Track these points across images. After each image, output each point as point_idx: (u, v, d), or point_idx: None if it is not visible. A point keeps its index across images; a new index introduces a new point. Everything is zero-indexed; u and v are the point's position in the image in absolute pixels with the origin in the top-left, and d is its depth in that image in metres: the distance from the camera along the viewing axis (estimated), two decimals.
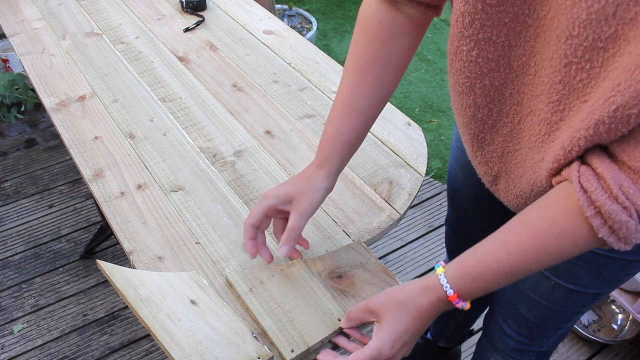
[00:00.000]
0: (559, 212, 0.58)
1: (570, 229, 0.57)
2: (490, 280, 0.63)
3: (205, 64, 1.29)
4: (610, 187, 0.53)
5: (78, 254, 1.84)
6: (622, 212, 0.53)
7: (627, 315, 1.64)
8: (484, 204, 0.93)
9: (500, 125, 0.69)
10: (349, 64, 0.78)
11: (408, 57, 0.78)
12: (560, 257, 0.59)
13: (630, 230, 0.54)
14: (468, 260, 0.65)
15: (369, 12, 0.75)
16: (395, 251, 1.89)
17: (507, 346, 1.01)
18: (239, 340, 0.72)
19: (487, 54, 0.63)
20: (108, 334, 1.63)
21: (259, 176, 1.01)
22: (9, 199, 2.01)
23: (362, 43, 0.76)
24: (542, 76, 0.59)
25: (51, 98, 1.17)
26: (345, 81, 0.78)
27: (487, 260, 0.63)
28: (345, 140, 0.79)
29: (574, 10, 0.50)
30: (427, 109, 2.48)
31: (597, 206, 0.54)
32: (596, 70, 0.52)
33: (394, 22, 0.74)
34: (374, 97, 0.78)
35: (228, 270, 0.84)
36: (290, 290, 0.79)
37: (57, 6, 1.49)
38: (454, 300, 0.64)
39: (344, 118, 0.78)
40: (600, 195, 0.53)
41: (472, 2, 0.59)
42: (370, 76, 0.76)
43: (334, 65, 1.30)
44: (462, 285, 0.64)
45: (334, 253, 0.85)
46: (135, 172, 1.01)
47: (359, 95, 0.77)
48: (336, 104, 0.79)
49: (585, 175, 0.55)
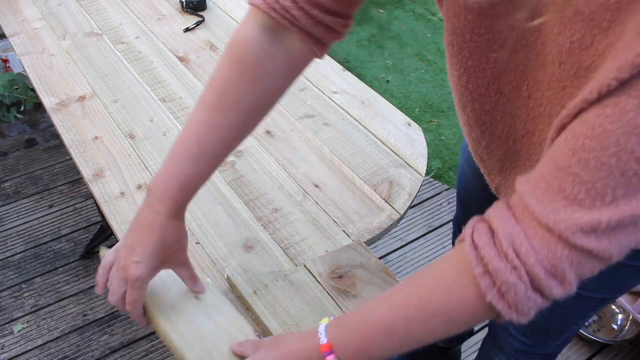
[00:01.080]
0: (449, 269, 0.53)
1: (457, 288, 0.52)
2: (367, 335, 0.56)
3: (205, 64, 1.29)
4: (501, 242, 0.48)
5: (78, 254, 1.84)
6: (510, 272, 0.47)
7: (627, 315, 1.64)
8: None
9: (494, 147, 0.69)
10: (210, 99, 0.67)
11: (274, 101, 0.70)
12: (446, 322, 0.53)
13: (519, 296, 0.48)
14: (353, 312, 0.60)
15: (246, 40, 0.65)
16: (395, 251, 1.89)
17: (512, 347, 1.01)
18: (242, 338, 0.72)
19: (477, 80, 0.62)
20: (108, 334, 1.63)
21: (259, 176, 1.01)
22: (9, 199, 2.01)
23: (230, 78, 0.66)
24: (539, 98, 0.58)
25: (51, 98, 1.17)
26: (204, 119, 0.67)
27: (367, 312, 0.58)
28: (197, 186, 0.69)
29: (560, 38, 0.50)
30: (427, 109, 2.48)
31: (485, 264, 0.49)
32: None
33: (272, 58, 0.65)
34: (232, 143, 0.69)
35: (228, 270, 0.84)
36: (295, 295, 0.79)
37: (57, 6, 1.49)
38: (325, 351, 0.57)
39: (199, 162, 0.67)
40: (489, 251, 0.48)
41: (460, 32, 0.59)
42: (233, 120, 0.67)
43: (334, 65, 1.30)
44: (337, 335, 0.58)
45: (334, 253, 0.85)
46: (135, 172, 1.01)
47: (219, 139, 0.67)
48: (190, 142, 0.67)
49: (479, 230, 0.51)
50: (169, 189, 0.67)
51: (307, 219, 0.93)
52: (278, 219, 0.93)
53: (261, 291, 0.79)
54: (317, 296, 0.79)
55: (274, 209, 0.95)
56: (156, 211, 0.67)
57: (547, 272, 0.47)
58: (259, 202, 0.96)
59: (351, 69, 2.66)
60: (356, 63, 2.73)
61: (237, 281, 0.80)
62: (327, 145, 1.08)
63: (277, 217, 0.94)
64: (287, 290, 0.80)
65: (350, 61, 2.75)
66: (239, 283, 0.80)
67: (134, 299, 0.68)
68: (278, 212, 0.94)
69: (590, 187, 0.43)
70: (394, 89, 2.59)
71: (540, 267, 0.47)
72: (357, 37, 2.90)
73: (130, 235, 0.69)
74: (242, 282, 0.81)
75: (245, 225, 0.92)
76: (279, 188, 0.99)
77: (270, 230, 0.91)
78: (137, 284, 0.67)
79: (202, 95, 0.67)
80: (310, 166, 1.03)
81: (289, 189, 0.99)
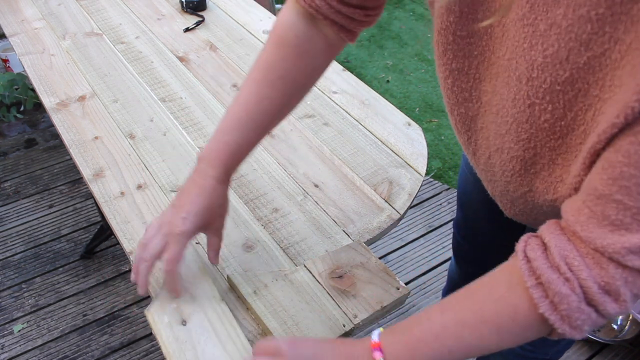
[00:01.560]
0: (502, 279, 0.54)
1: (510, 297, 0.52)
2: (417, 337, 0.56)
3: (205, 64, 1.29)
4: (554, 256, 0.49)
5: (78, 254, 1.84)
6: (563, 284, 0.48)
7: (627, 315, 1.64)
8: (493, 208, 0.93)
9: (479, 155, 0.70)
10: (257, 74, 0.72)
11: (316, 78, 0.75)
12: (498, 331, 0.53)
13: (571, 307, 0.48)
14: (406, 320, 0.60)
15: (286, 24, 0.71)
16: (395, 251, 1.89)
17: (512, 352, 1.01)
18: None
19: (461, 83, 0.63)
20: (108, 334, 1.63)
21: (259, 176, 1.01)
22: (9, 199, 2.01)
23: (275, 55, 0.72)
24: (506, 116, 0.58)
25: (51, 98, 1.17)
26: (252, 92, 0.72)
27: (420, 317, 0.58)
28: (244, 155, 0.74)
29: (532, 53, 0.50)
30: (427, 109, 2.48)
31: (537, 276, 0.50)
32: (559, 111, 0.51)
33: (310, 39, 0.71)
34: (277, 115, 0.74)
35: (228, 270, 0.84)
36: (295, 295, 0.79)
37: (57, 6, 1.49)
38: (374, 348, 0.57)
39: (248, 131, 0.72)
40: (542, 263, 0.50)
41: (444, 33, 0.59)
42: (278, 92, 0.72)
43: (334, 65, 1.30)
44: (388, 336, 0.58)
45: (334, 253, 0.85)
46: (135, 172, 1.01)
47: (265, 110, 0.72)
48: (239, 112, 0.72)
49: (532, 244, 0.52)
50: (220, 156, 0.72)
51: (307, 219, 0.93)
52: (278, 219, 0.93)
53: (261, 291, 0.79)
54: (317, 296, 0.79)
55: (274, 209, 0.95)
56: (207, 176, 0.72)
57: (601, 288, 0.48)
58: (259, 202, 0.96)
59: (351, 69, 2.66)
60: (356, 63, 2.73)
61: (237, 281, 0.80)
62: (327, 145, 1.08)
63: (277, 217, 0.94)
64: (287, 290, 0.80)
65: (350, 61, 2.75)
66: (239, 283, 0.80)
67: (175, 255, 0.70)
68: (278, 212, 0.94)
69: (635, 211, 0.44)
70: (394, 89, 2.59)
71: (592, 282, 0.47)
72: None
73: (179, 198, 0.73)
74: (242, 281, 0.81)
75: (245, 225, 0.92)
76: (279, 188, 0.99)
77: (270, 230, 0.91)
78: (181, 238, 0.69)
79: (250, 72, 0.73)
80: (310, 166, 1.03)
81: (289, 189, 0.99)
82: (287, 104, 0.74)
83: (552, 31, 0.48)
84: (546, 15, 0.48)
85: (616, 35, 0.44)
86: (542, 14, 0.48)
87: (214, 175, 0.72)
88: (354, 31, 0.71)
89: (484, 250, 1.09)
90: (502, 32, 0.54)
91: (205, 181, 0.72)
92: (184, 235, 0.70)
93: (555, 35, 0.48)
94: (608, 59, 0.45)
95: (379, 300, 0.79)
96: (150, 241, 0.71)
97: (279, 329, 0.75)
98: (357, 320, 0.76)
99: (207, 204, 0.72)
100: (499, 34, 0.54)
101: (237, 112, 0.72)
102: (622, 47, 0.44)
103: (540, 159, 0.58)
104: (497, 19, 0.54)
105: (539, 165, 0.59)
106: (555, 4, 0.47)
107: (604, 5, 0.43)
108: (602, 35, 0.45)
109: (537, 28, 0.49)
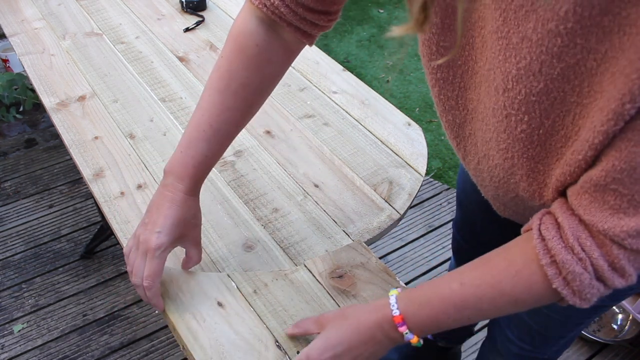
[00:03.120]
0: (518, 255, 0.57)
1: (525, 273, 0.56)
2: (439, 309, 0.60)
3: (205, 64, 1.29)
4: (567, 237, 0.52)
5: (78, 254, 1.84)
6: (577, 264, 0.52)
7: (627, 315, 1.64)
8: (491, 208, 0.93)
9: (468, 161, 0.71)
10: (219, 84, 0.73)
11: (275, 84, 0.76)
12: (515, 303, 0.58)
13: (584, 284, 0.52)
14: (422, 287, 0.63)
15: (245, 32, 0.71)
16: (395, 251, 1.89)
17: (510, 352, 1.01)
18: (262, 348, 0.72)
19: (447, 92, 0.64)
20: (108, 334, 1.63)
21: (259, 176, 1.01)
22: (9, 199, 2.01)
23: (236, 64, 0.72)
24: (489, 124, 0.59)
25: (51, 98, 1.17)
26: (215, 102, 0.73)
27: (439, 287, 0.61)
28: (211, 166, 0.75)
29: (506, 65, 0.51)
30: (427, 109, 2.48)
31: (552, 255, 0.53)
32: (536, 120, 0.53)
33: (270, 47, 0.71)
34: (240, 123, 0.76)
35: (228, 270, 0.84)
36: (295, 294, 0.79)
37: (57, 6, 1.49)
38: (398, 322, 0.61)
39: (213, 143, 0.73)
40: (557, 243, 0.53)
41: (428, 44, 0.60)
42: (241, 101, 0.73)
43: (334, 65, 1.30)
44: (409, 308, 0.61)
45: (335, 253, 0.85)
46: (135, 172, 1.01)
47: (229, 120, 0.73)
48: (203, 124, 0.73)
49: (546, 223, 0.55)
50: (187, 168, 0.72)
51: (307, 219, 0.93)
52: (278, 219, 0.93)
53: (261, 290, 0.80)
54: (317, 295, 0.79)
55: (274, 209, 0.95)
56: (175, 189, 0.72)
57: (610, 266, 0.52)
58: (259, 202, 0.96)
59: (351, 69, 2.66)
60: (356, 63, 2.73)
61: (238, 280, 0.80)
62: (327, 145, 1.08)
63: (277, 217, 0.94)
64: (287, 289, 0.80)
65: (350, 61, 2.75)
66: (239, 282, 0.80)
67: (154, 271, 0.71)
68: (278, 212, 0.94)
69: (629, 198, 0.48)
70: (394, 89, 2.59)
71: (603, 261, 0.51)
72: (357, 37, 2.90)
73: (150, 214, 0.73)
74: (242, 281, 0.81)
75: (245, 225, 0.92)
76: (279, 188, 0.99)
77: (270, 230, 0.91)
78: (157, 252, 0.70)
79: (210, 81, 0.73)
80: (310, 166, 1.03)
81: (289, 189, 0.99)
82: (248, 112, 0.75)
83: (523, 44, 0.49)
84: (517, 28, 0.49)
85: (588, 45, 0.45)
86: (514, 27, 0.49)
87: (181, 189, 0.72)
88: (315, 35, 0.72)
89: (484, 249, 1.08)
90: (482, 42, 0.55)
91: (175, 195, 0.72)
92: (160, 248, 0.71)
93: (527, 48, 0.48)
94: (583, 67, 0.46)
95: None
96: (134, 266, 0.72)
97: (278, 328, 0.75)
98: None
99: (180, 216, 0.72)
100: (479, 44, 0.55)
101: (200, 123, 0.72)
102: (598, 55, 0.45)
103: (519, 169, 0.59)
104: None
105: (518, 175, 0.60)
106: (526, 18, 0.47)
107: (572, 20, 0.44)
108: (574, 47, 0.46)
109: (510, 41, 0.50)
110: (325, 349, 0.64)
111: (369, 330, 0.63)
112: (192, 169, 0.72)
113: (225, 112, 0.72)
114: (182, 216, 0.73)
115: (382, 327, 0.62)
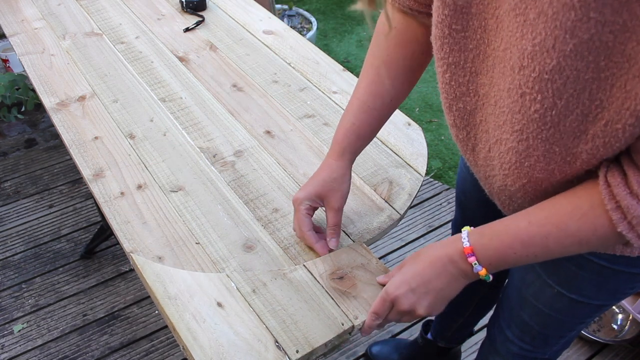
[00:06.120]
0: (584, 199, 0.59)
1: (591, 216, 0.58)
2: (506, 243, 0.63)
3: (205, 64, 1.29)
4: (632, 184, 0.54)
5: (78, 254, 1.84)
6: None
7: (627, 315, 1.64)
8: (491, 208, 0.93)
9: (478, 150, 0.71)
10: (365, 65, 0.82)
11: (423, 61, 0.81)
12: (579, 243, 0.60)
13: None
14: (493, 223, 0.66)
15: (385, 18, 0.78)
16: (395, 251, 1.89)
17: (510, 352, 1.01)
18: (261, 348, 0.72)
19: (458, 78, 0.65)
20: (108, 334, 1.63)
21: (259, 176, 1.01)
22: (9, 199, 2.01)
23: (378, 46, 0.81)
24: (502, 106, 0.60)
25: (51, 98, 1.17)
26: (361, 81, 0.83)
27: (508, 224, 0.64)
28: (360, 134, 0.83)
29: (523, 42, 0.52)
30: (427, 109, 2.48)
31: (617, 200, 0.55)
32: (549, 100, 0.53)
33: (409, 28, 0.77)
34: (387, 97, 0.82)
35: (228, 270, 0.84)
36: (294, 294, 0.79)
37: (57, 6, 1.49)
38: (468, 253, 0.65)
39: (359, 113, 0.82)
40: (622, 190, 0.55)
41: (440, 26, 0.62)
42: (384, 76, 0.80)
43: (334, 65, 1.30)
44: (479, 241, 0.65)
45: (335, 254, 0.85)
46: (135, 172, 1.01)
47: (374, 93, 0.81)
48: (352, 100, 0.83)
49: (612, 170, 0.57)
50: (337, 136, 0.84)
51: None
52: (278, 219, 0.93)
53: (260, 290, 0.80)
54: (316, 295, 0.79)
55: (274, 209, 0.95)
56: (327, 155, 0.85)
57: None
58: (259, 202, 0.96)
59: (351, 69, 2.66)
60: (356, 63, 2.73)
61: (237, 280, 0.80)
62: (327, 145, 1.08)
63: (277, 217, 0.94)
64: (286, 289, 0.80)
65: (350, 61, 2.75)
66: (238, 282, 0.80)
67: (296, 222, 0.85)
68: (278, 212, 0.94)
69: None
70: None
71: None
72: (357, 37, 2.90)
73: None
74: (242, 280, 0.81)
75: (245, 225, 0.92)
76: (279, 188, 0.99)
77: (270, 230, 0.91)
78: (296, 205, 0.84)
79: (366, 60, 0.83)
80: (310, 166, 1.03)
81: (289, 189, 0.99)
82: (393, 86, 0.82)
83: (540, 19, 0.50)
84: (535, 4, 0.50)
85: (603, 18, 0.46)
86: (531, 2, 0.50)
87: (331, 154, 0.84)
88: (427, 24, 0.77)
89: None
90: (497, 23, 0.56)
91: (325, 160, 0.85)
92: (297, 201, 0.83)
93: (542, 23, 0.50)
94: (597, 41, 0.47)
95: None
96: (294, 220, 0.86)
97: (277, 328, 0.75)
98: (358, 322, 0.76)
99: (321, 176, 0.83)
100: (493, 26, 0.56)
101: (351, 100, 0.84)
102: (614, 27, 0.46)
103: (534, 150, 0.60)
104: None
105: (534, 157, 0.61)
106: None
107: None
108: (587, 22, 0.46)
109: (527, 17, 0.51)
110: (401, 283, 0.69)
111: (441, 263, 0.67)
112: (340, 136, 0.83)
113: (369, 86, 0.82)
114: (323, 177, 0.83)
115: (453, 260, 0.67)
